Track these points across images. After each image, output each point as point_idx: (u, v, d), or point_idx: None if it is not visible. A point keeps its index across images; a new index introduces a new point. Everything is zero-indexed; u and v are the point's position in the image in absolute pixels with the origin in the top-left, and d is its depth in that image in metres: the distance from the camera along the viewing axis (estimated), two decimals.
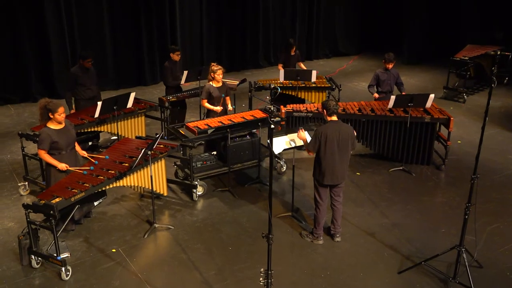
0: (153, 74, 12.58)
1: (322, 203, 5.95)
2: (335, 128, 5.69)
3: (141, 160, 6.02)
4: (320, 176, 5.80)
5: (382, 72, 8.41)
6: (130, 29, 12.02)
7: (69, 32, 11.19)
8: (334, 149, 5.69)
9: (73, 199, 5.34)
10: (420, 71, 14.05)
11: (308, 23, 15.10)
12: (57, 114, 5.64)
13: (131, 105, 7.68)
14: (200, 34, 13.21)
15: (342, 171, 5.81)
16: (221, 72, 7.51)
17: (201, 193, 7.06)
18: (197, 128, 6.96)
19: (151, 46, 12.33)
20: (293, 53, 9.81)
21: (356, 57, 15.86)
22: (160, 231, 6.25)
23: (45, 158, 5.71)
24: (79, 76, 7.91)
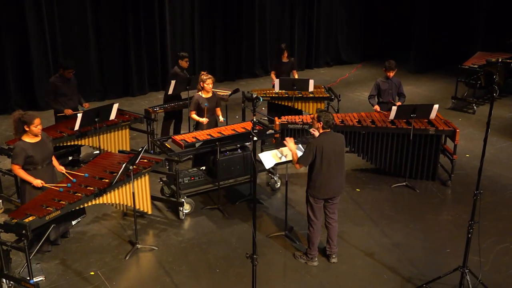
0: (141, 84, 12.66)
1: (316, 221, 5.95)
2: (330, 140, 5.73)
3: (122, 176, 6.03)
4: (316, 190, 5.81)
5: (383, 81, 8.46)
6: (116, 37, 12.13)
7: (51, 40, 11.28)
8: (331, 162, 5.72)
9: (48, 217, 5.34)
10: (428, 80, 14.12)
11: (308, 29, 15.23)
12: (33, 126, 5.67)
13: (114, 117, 7.72)
14: (192, 42, 13.31)
15: (339, 184, 5.86)
16: (210, 82, 7.56)
17: (188, 211, 7.07)
18: (184, 141, 6.99)
19: (139, 54, 12.42)
20: (285, 59, 9.83)
21: (359, 66, 15.95)
22: (143, 252, 6.24)
23: (20, 174, 5.73)
24: (59, 86, 7.97)
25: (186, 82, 8.66)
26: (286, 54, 9.77)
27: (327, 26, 15.62)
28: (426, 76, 14.43)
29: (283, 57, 9.77)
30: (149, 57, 12.57)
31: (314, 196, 5.86)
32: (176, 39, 13.06)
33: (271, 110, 9.69)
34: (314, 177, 5.79)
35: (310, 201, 5.92)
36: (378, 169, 8.26)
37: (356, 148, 8.02)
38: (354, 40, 16.20)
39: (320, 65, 15.74)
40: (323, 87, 9.76)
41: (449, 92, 12.38)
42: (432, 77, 14.33)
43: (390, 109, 7.84)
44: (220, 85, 12.47)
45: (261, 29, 14.25)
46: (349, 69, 15.48)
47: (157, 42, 12.60)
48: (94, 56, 11.94)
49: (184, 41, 13.23)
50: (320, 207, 5.94)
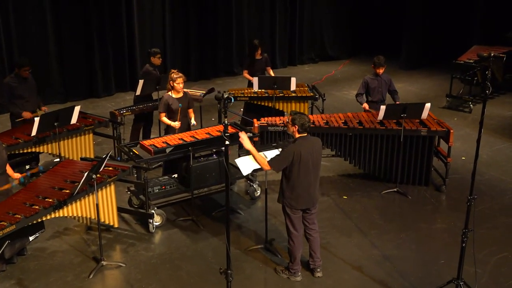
0: (107, 85, 12.61)
1: (296, 234, 5.98)
2: (308, 145, 5.78)
3: (85, 186, 6.01)
4: (294, 201, 5.84)
5: (372, 78, 8.54)
6: (78, 32, 12.05)
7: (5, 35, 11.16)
8: (309, 170, 5.78)
9: (1, 233, 5.31)
10: (420, 76, 14.28)
11: (290, 23, 15.28)
12: None
13: (75, 121, 7.69)
14: (163, 37, 13.29)
15: (316, 192, 5.93)
16: (181, 81, 7.57)
17: (159, 224, 7.06)
18: (153, 147, 6.98)
19: (104, 51, 12.37)
20: (259, 56, 9.85)
21: (347, 62, 16.06)
22: (108, 269, 6.21)
23: None
24: (15, 86, 7.91)
25: (156, 82, 8.65)
26: (260, 50, 9.79)
27: (311, 19, 15.69)
28: (418, 73, 14.58)
29: (257, 54, 9.78)
30: (115, 54, 12.51)
31: (292, 207, 5.89)
32: (145, 34, 13.02)
33: (249, 111, 9.72)
34: (291, 186, 5.82)
35: (287, 212, 5.95)
36: (366, 174, 8.32)
37: (343, 152, 8.08)
38: (341, 34, 16.29)
39: (304, 62, 15.79)
40: (307, 85, 9.81)
41: (444, 89, 12.53)
42: (425, 74, 14.48)
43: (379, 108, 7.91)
44: (194, 85, 12.48)
45: (239, 23, 14.27)
46: (335, 66, 15.57)
47: (124, 37, 12.55)
48: (53, 54, 11.84)
49: (154, 36, 13.19)
50: (299, 217, 5.97)
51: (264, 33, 14.72)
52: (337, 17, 16.11)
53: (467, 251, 5.42)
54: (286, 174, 5.84)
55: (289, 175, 5.82)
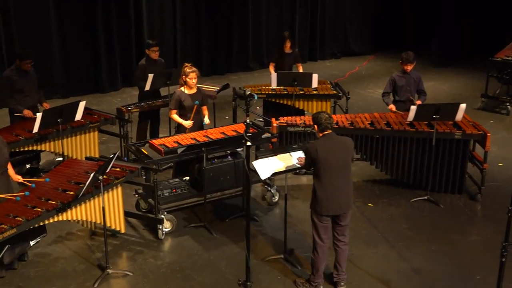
0: (112, 79, 12.66)
1: (322, 244, 5.97)
2: (331, 144, 5.79)
3: (90, 188, 6.03)
4: (318, 204, 5.84)
5: (400, 75, 8.52)
6: (83, 23, 12.13)
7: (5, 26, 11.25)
8: (333, 171, 5.77)
9: (1, 237, 5.34)
10: (453, 75, 14.21)
11: (311, 14, 15.27)
12: None
13: (80, 117, 7.73)
14: (173, 29, 13.34)
15: (346, 196, 5.88)
16: (194, 76, 7.58)
17: (168, 230, 7.07)
18: (163, 147, 7.00)
19: (110, 43, 12.43)
20: (288, 50, 9.87)
21: (371, 58, 16.02)
22: (114, 278, 6.23)
23: None
24: (15, 80, 7.96)
25: (166, 76, 8.67)
26: (289, 44, 9.80)
27: (334, 11, 15.68)
28: (451, 70, 14.51)
29: (285, 47, 9.80)
30: (122, 46, 12.59)
31: (318, 213, 5.88)
32: (154, 25, 13.08)
33: (267, 109, 9.75)
34: (315, 189, 5.84)
35: (313, 219, 5.95)
36: (394, 181, 8.29)
37: (369, 155, 8.06)
38: (366, 28, 16.26)
39: (326, 57, 15.79)
40: (329, 82, 9.82)
41: (479, 89, 12.45)
42: (458, 72, 14.40)
43: (408, 109, 7.89)
44: (207, 80, 12.48)
45: (256, 14, 14.29)
46: (360, 62, 15.54)
47: (131, 28, 12.62)
48: (57, 46, 11.93)
49: (164, 27, 13.25)
50: (326, 226, 5.95)
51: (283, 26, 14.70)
52: (361, 9, 16.09)
53: (507, 267, 5.37)
54: (313, 176, 5.89)
55: (314, 176, 5.86)
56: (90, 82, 12.55)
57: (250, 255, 6.48)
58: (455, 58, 14.95)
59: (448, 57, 14.91)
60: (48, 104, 8.36)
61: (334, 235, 6.04)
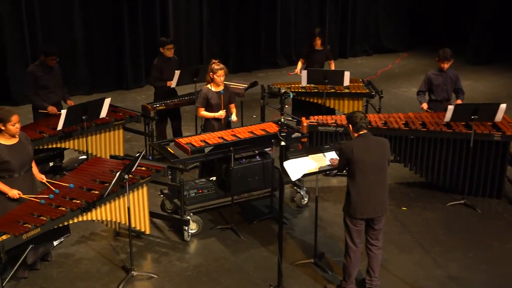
0: (137, 75, 12.74)
1: (355, 249, 5.93)
2: (365, 143, 5.77)
3: (116, 187, 6.06)
4: (351, 207, 5.81)
5: (436, 74, 8.43)
6: (108, 18, 12.23)
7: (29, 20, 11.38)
8: (365, 171, 5.73)
9: (25, 236, 5.38)
10: (490, 73, 14.04)
11: (342, 10, 15.22)
12: (9, 124, 5.73)
13: (105, 115, 7.78)
14: (200, 24, 13.38)
15: (380, 200, 5.84)
16: (222, 73, 7.59)
17: (194, 232, 7.08)
18: (190, 146, 7.01)
19: (136, 39, 12.51)
20: (319, 47, 9.86)
21: (405, 55, 15.91)
22: (139, 280, 6.26)
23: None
24: (39, 76, 8.04)
25: (193, 73, 8.69)
26: (320, 41, 9.78)
27: (365, 6, 15.61)
28: (488, 69, 14.35)
29: (316, 44, 9.78)
30: (147, 43, 12.64)
31: (351, 216, 5.85)
32: (180, 21, 13.14)
33: (297, 108, 9.72)
34: (349, 190, 5.82)
35: (346, 222, 5.92)
36: (429, 183, 8.22)
37: (402, 157, 8.00)
38: (399, 24, 16.15)
39: (357, 54, 15.74)
40: (361, 80, 9.75)
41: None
42: (495, 70, 14.24)
43: (444, 108, 7.81)
44: (233, 77, 12.48)
45: (284, 10, 14.27)
46: (392, 59, 15.44)
47: (157, 24, 12.69)
48: (80, 42, 12.04)
49: (190, 23, 13.30)
50: (360, 230, 5.91)
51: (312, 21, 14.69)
52: (394, 4, 15.98)
53: None
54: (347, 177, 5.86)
55: (348, 178, 5.84)
56: (114, 79, 12.64)
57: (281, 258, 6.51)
58: (492, 56, 14.77)
59: (485, 55, 14.75)
60: (72, 101, 8.43)
61: (367, 239, 6.01)
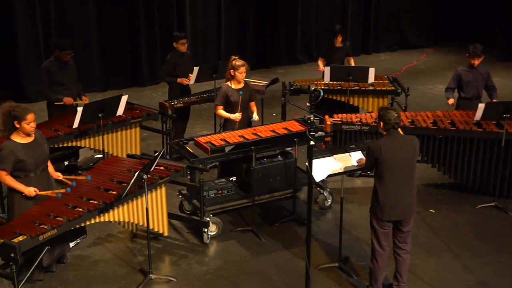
0: (153, 72, 12.77)
1: (382, 252, 5.89)
2: (394, 143, 5.72)
3: (134, 187, 6.06)
4: (379, 209, 5.78)
5: (466, 70, 8.37)
6: (123, 12, 12.27)
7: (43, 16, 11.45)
8: (394, 172, 5.69)
9: (42, 238, 5.39)
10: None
11: (364, 4, 15.15)
12: (24, 122, 5.75)
13: (122, 112, 7.78)
14: (218, 20, 13.39)
15: (408, 201, 5.80)
16: (244, 70, 7.57)
17: (214, 234, 7.07)
18: (210, 145, 7.00)
19: (151, 35, 12.54)
20: (339, 44, 9.85)
21: (430, 51, 15.82)
22: (157, 284, 6.25)
23: (7, 182, 5.81)
24: (54, 72, 8.07)
25: (212, 69, 8.69)
26: (341, 38, 9.77)
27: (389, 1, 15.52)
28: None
29: (336, 41, 9.76)
30: (163, 38, 12.66)
31: (378, 217, 5.81)
32: (197, 15, 13.16)
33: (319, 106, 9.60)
34: (376, 191, 5.79)
35: (373, 224, 5.88)
36: (457, 185, 8.17)
37: (430, 157, 7.94)
38: (424, 19, 16.07)
39: (380, 50, 15.69)
40: (386, 77, 9.70)
41: None
42: None
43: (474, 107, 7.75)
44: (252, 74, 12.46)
45: (306, 4, 14.23)
46: (417, 55, 15.36)
47: (173, 19, 12.71)
48: (94, 38, 12.10)
49: (207, 18, 13.31)
50: (387, 233, 5.88)
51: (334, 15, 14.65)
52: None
53: None
54: (374, 177, 5.84)
55: (375, 178, 5.81)
56: (129, 76, 12.67)
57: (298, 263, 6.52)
58: None
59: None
60: (87, 98, 8.46)
61: (394, 243, 5.96)
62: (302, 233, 7.21)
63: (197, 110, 10.76)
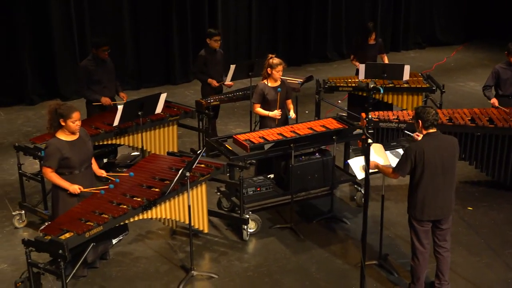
0: (185, 70, 12.77)
1: (423, 250, 5.82)
2: (435, 144, 5.63)
3: (177, 185, 6.06)
4: (418, 209, 5.70)
5: (504, 68, 8.26)
6: (156, 11, 12.27)
7: (77, 15, 11.49)
8: (435, 173, 5.61)
9: (88, 234, 5.41)
10: None
11: (394, 2, 15.02)
12: (70, 120, 5.78)
13: (160, 110, 7.78)
14: (249, 18, 13.35)
15: (448, 201, 5.73)
16: (281, 68, 7.56)
17: (253, 231, 7.05)
18: (249, 142, 6.97)
19: (183, 32, 12.53)
20: (372, 41, 9.77)
21: (460, 48, 15.65)
22: (199, 281, 6.25)
23: (52, 179, 5.84)
24: (92, 70, 8.09)
25: (248, 67, 8.66)
26: (374, 35, 9.69)
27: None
28: None
29: (370, 39, 9.68)
30: (195, 37, 12.64)
31: (417, 218, 5.75)
32: (229, 14, 13.11)
33: (352, 103, 9.62)
34: (415, 192, 5.69)
35: (412, 223, 5.81)
36: (494, 182, 8.06)
37: (468, 155, 7.84)
38: (453, 16, 15.89)
39: (409, 47, 15.52)
40: (420, 74, 9.60)
41: None
42: None
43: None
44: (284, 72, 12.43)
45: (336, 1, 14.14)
46: (447, 52, 15.19)
47: (205, 18, 12.68)
48: (129, 36, 12.11)
49: (239, 16, 13.27)
50: (427, 230, 5.81)
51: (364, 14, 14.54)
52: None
53: None
54: (411, 178, 5.74)
55: (413, 179, 5.71)
56: (162, 74, 12.68)
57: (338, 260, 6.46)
58: None
59: None
60: (125, 94, 8.47)
61: (434, 241, 5.89)
62: (340, 231, 7.17)
63: (230, 108, 10.75)
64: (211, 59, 8.95)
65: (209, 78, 8.90)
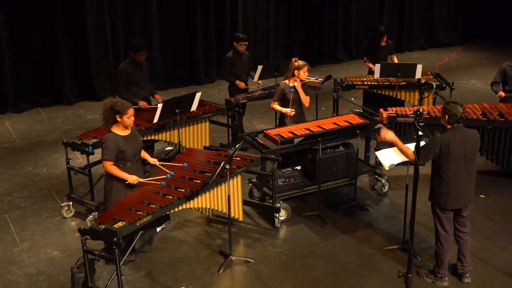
0: (208, 71, 12.69)
1: (447, 236, 5.76)
2: (460, 137, 5.56)
3: (217, 176, 5.98)
4: (442, 199, 5.63)
5: (511, 65, 8.15)
6: (182, 16, 12.19)
7: (111, 21, 11.42)
8: (460, 164, 5.54)
9: (139, 223, 5.35)
10: None
11: (399, 6, 14.92)
12: (126, 116, 5.74)
13: (195, 108, 7.70)
14: (267, 22, 13.26)
15: (469, 191, 5.68)
16: (306, 69, 7.47)
17: (284, 218, 6.98)
18: (279, 137, 6.90)
19: (207, 36, 12.44)
20: (384, 43, 9.67)
21: (459, 48, 15.53)
22: (237, 265, 6.20)
23: (112, 171, 5.79)
24: (131, 73, 8.00)
25: (274, 68, 8.58)
26: (386, 37, 9.58)
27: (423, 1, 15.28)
28: None
29: (382, 41, 9.59)
30: (218, 39, 12.57)
31: (440, 206, 5.67)
32: (248, 18, 13.02)
33: (367, 100, 9.53)
34: (440, 183, 5.63)
35: (436, 211, 5.75)
36: (503, 172, 7.96)
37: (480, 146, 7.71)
38: (454, 19, 15.77)
39: (412, 48, 15.41)
40: (430, 73, 9.50)
41: None
42: None
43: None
44: None
45: (346, 5, 14.05)
46: (447, 53, 15.06)
47: (227, 22, 12.60)
48: (157, 41, 12.02)
49: (258, 20, 13.19)
50: (449, 217, 5.76)
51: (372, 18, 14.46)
52: None
53: None
54: (435, 169, 5.67)
55: (438, 170, 5.63)
56: (187, 74, 12.59)
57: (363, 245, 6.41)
58: None
59: None
60: (159, 96, 8.40)
61: (455, 227, 5.84)
62: (364, 217, 7.10)
63: (252, 105, 10.63)
64: (237, 61, 8.86)
65: (237, 80, 8.82)
